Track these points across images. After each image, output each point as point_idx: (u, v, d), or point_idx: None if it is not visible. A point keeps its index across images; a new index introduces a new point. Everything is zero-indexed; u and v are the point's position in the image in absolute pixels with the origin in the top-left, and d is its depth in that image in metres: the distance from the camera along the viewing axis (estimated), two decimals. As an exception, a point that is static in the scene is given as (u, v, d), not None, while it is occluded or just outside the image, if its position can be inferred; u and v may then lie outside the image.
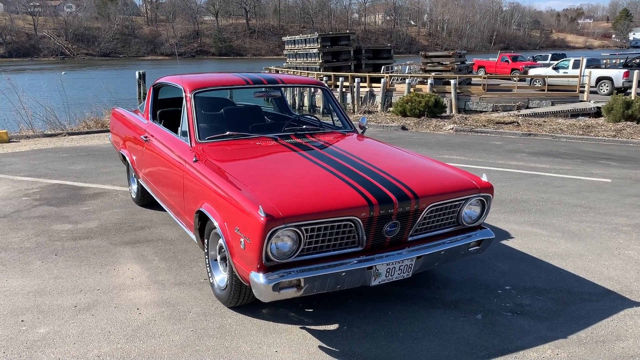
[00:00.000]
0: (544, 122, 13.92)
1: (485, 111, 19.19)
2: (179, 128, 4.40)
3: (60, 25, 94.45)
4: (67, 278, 4.15)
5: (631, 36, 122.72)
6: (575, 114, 17.18)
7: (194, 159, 3.87)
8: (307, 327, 3.46)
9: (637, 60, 23.89)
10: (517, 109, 18.74)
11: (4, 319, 3.52)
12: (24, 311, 3.63)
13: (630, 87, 19.44)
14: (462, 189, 3.56)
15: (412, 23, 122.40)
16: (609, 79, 22.06)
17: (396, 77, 25.30)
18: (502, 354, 3.17)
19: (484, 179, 3.69)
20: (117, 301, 3.78)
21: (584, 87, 20.17)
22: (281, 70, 32.38)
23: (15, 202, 6.20)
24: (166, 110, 5.30)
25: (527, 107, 19.35)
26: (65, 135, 11.55)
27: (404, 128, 13.32)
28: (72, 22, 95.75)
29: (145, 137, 5.04)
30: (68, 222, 5.48)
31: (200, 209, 3.58)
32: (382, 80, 22.68)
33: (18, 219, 5.57)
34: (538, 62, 32.26)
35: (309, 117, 5.26)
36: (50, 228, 5.31)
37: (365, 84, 23.67)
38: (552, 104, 19.35)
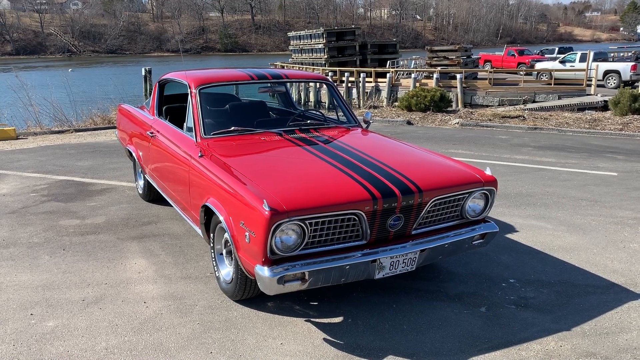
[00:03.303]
0: (550, 116, 13.87)
1: (492, 105, 19.12)
2: (185, 123, 4.43)
3: (67, 22, 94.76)
4: (75, 272, 4.20)
5: (639, 29, 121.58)
6: (582, 108, 17.08)
7: (199, 154, 3.91)
8: (312, 319, 3.49)
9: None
10: (524, 103, 18.66)
11: (13, 313, 3.57)
12: (33, 305, 3.68)
13: (637, 81, 19.31)
14: (466, 182, 3.57)
15: (418, 17, 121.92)
16: (617, 72, 21.92)
17: (402, 72, 25.22)
18: (506, 346, 3.19)
19: (488, 172, 3.70)
20: (125, 295, 3.83)
21: (591, 80, 20.04)
22: (287, 66, 32.36)
23: (24, 198, 6.27)
24: (172, 106, 5.34)
25: (534, 101, 19.25)
26: (72, 132, 11.63)
27: (409, 123, 13.30)
28: (79, 19, 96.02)
29: (151, 132, 5.08)
30: (76, 218, 5.54)
31: (206, 204, 3.61)
32: (388, 75, 22.60)
33: (26, 215, 5.64)
34: (545, 55, 32.07)
35: (313, 112, 5.29)
36: (58, 223, 5.37)
37: (371, 79, 23.61)
38: (559, 98, 19.24)
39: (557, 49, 34.18)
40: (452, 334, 3.33)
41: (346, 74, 24.85)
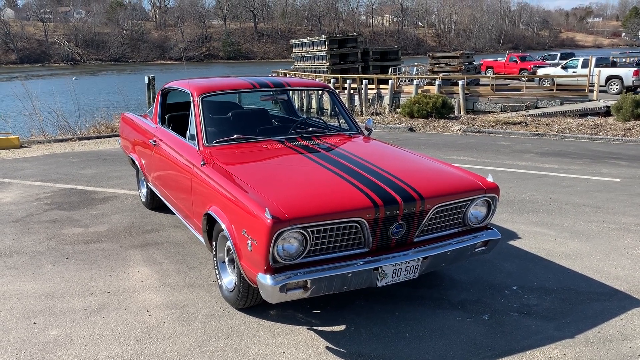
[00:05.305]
0: (553, 122, 13.87)
1: (494, 111, 19.13)
2: (187, 132, 4.45)
3: (71, 31, 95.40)
4: (78, 281, 4.21)
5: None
6: (584, 114, 17.08)
7: (201, 162, 3.92)
8: (314, 328, 3.49)
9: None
10: (526, 109, 18.66)
11: (16, 322, 3.58)
12: (36, 314, 3.69)
13: (640, 86, 19.30)
14: (468, 189, 3.57)
15: (420, 24, 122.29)
16: (619, 77, 21.89)
17: (404, 79, 25.27)
18: (509, 354, 3.18)
19: (490, 179, 3.70)
20: (127, 303, 3.83)
21: (593, 86, 20.04)
22: (289, 73, 32.46)
23: (27, 206, 6.29)
24: (174, 115, 5.36)
25: (536, 107, 19.26)
26: (75, 140, 11.67)
27: (411, 129, 13.32)
28: (82, 28, 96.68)
29: (154, 141, 5.10)
30: (79, 226, 5.56)
31: (208, 212, 3.62)
32: (390, 81, 22.68)
33: (30, 223, 5.65)
34: (547, 61, 32.09)
35: (315, 119, 5.30)
36: (61, 232, 5.38)
37: (373, 86, 23.68)
38: (561, 104, 19.23)
39: (559, 54, 34.17)
40: (455, 342, 3.32)
41: (348, 81, 24.94)
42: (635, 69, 21.77)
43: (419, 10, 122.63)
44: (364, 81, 23.69)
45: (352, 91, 24.60)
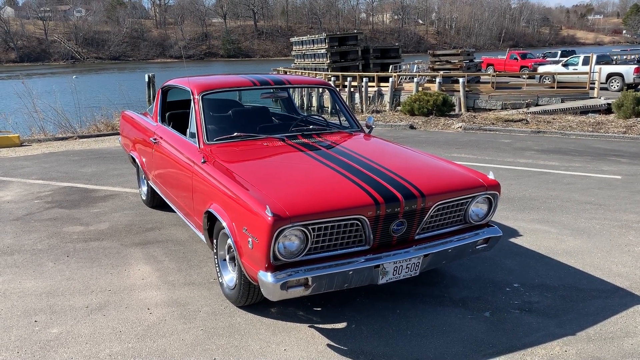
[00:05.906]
0: (554, 119, 13.84)
1: (495, 109, 19.10)
2: (188, 130, 4.45)
3: (71, 29, 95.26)
4: (78, 279, 4.21)
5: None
6: (585, 111, 17.05)
7: (202, 160, 3.91)
8: (315, 325, 3.49)
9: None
10: (527, 107, 18.64)
11: (17, 320, 3.58)
12: (37, 312, 3.69)
13: (641, 83, 19.26)
14: (469, 187, 3.56)
15: (420, 22, 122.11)
16: (620, 75, 21.85)
17: (404, 76, 25.23)
18: (510, 351, 3.18)
19: (491, 176, 3.69)
20: (128, 301, 3.83)
21: (594, 83, 20.01)
22: (289, 71, 32.43)
23: (28, 204, 6.29)
24: (175, 113, 5.35)
25: (537, 105, 19.23)
26: (76, 139, 11.67)
27: (412, 127, 13.30)
28: (82, 26, 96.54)
29: (155, 139, 5.09)
30: (79, 224, 5.56)
31: (209, 210, 3.62)
32: (390, 79, 22.65)
33: (30, 222, 5.65)
34: (547, 59, 32.05)
35: (315, 117, 5.29)
36: (62, 230, 5.38)
37: (374, 84, 23.64)
38: (562, 101, 19.20)
39: (559, 52, 34.17)
40: (456, 339, 3.32)
41: (349, 79, 24.89)
42: (636, 66, 21.73)
43: (420, 8, 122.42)
44: (364, 79, 23.64)
45: (352, 89, 24.55)
